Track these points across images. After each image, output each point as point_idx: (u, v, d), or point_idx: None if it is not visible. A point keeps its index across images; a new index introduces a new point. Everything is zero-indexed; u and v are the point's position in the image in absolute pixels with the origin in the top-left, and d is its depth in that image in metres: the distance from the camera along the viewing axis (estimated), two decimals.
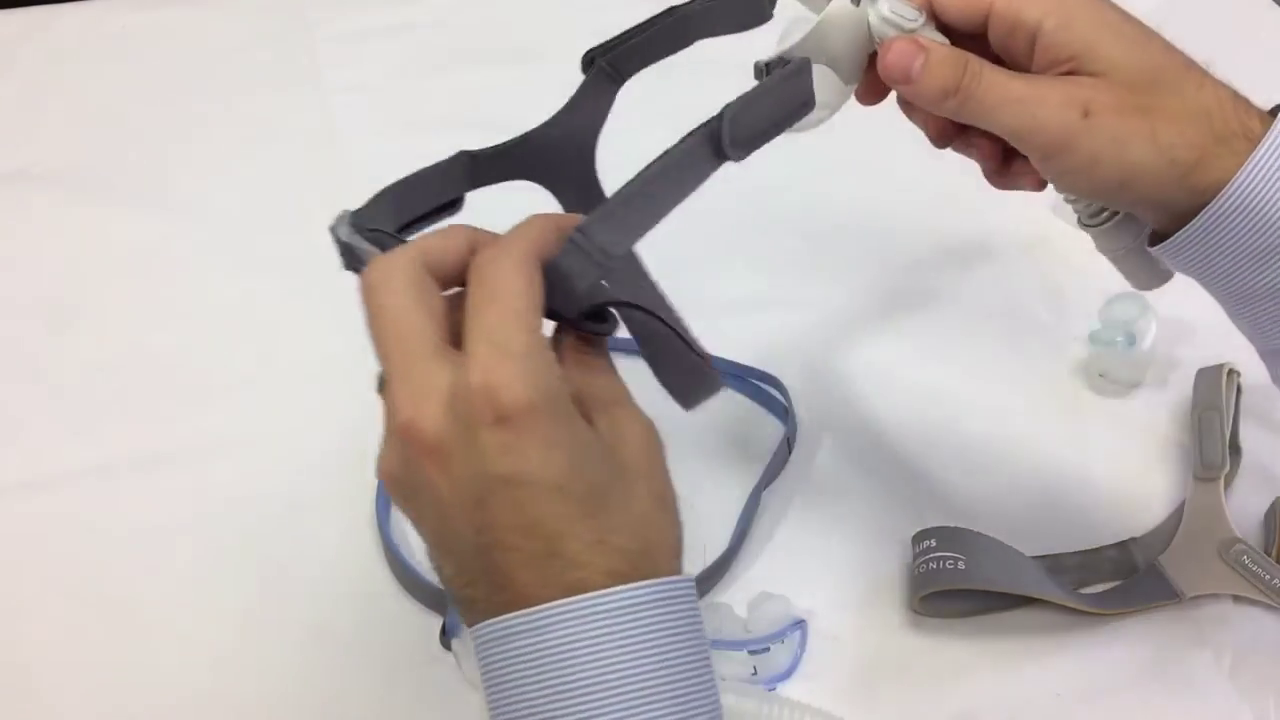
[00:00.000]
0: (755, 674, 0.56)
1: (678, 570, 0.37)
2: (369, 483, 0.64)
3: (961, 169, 0.95)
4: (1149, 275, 0.51)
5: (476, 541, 0.34)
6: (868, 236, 0.84)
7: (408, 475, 0.35)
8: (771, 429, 0.68)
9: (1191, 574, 0.58)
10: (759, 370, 0.70)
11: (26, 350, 0.75)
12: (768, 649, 0.56)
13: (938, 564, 0.57)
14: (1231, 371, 0.66)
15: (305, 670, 0.58)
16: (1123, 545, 0.62)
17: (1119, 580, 0.61)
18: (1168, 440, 0.67)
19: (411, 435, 0.34)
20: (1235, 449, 0.65)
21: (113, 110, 0.95)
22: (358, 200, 0.44)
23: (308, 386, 0.72)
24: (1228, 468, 0.62)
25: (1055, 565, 0.61)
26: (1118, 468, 0.66)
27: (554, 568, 0.34)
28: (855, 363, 0.73)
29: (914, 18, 0.44)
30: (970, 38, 0.44)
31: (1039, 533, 0.61)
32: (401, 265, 0.36)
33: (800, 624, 0.57)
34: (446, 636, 0.57)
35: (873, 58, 0.46)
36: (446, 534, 0.35)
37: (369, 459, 0.44)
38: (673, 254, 0.81)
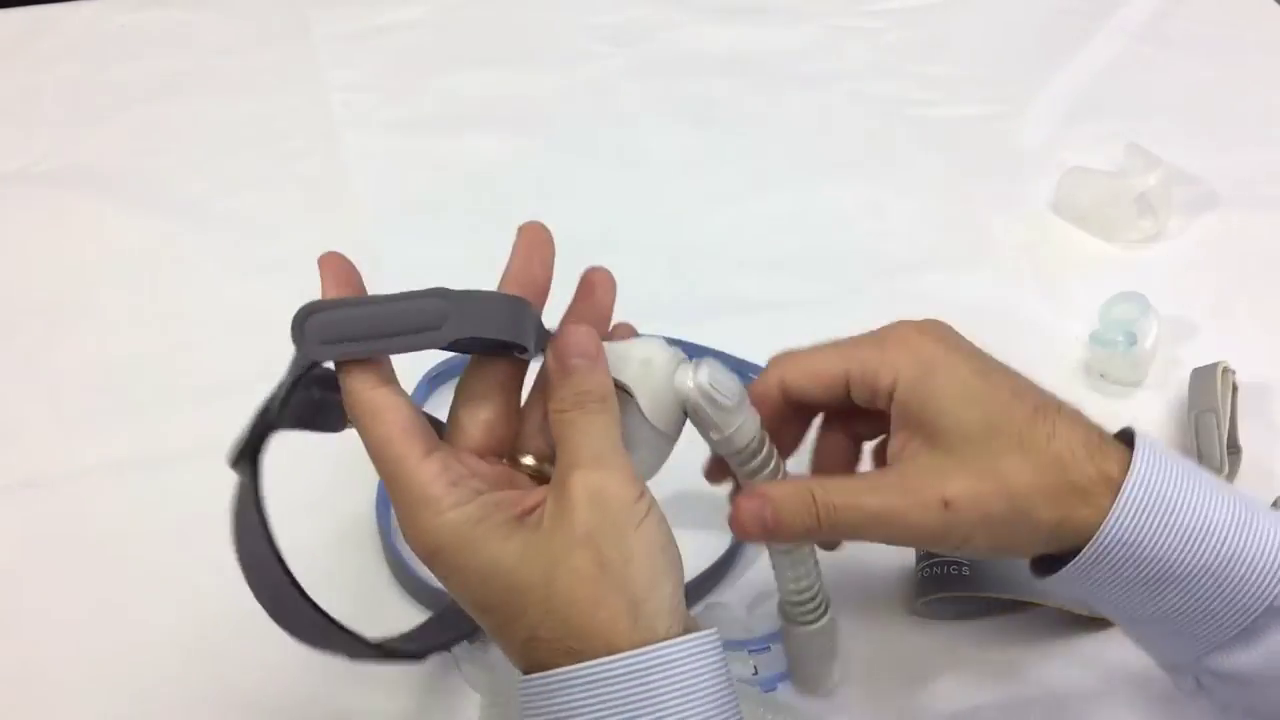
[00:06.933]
0: (756, 674, 0.56)
1: (630, 630, 0.37)
2: (369, 483, 0.64)
3: (961, 170, 0.96)
4: (822, 679, 0.54)
5: None
6: (867, 236, 0.84)
7: None
8: None
9: None
10: (759, 367, 0.70)
11: (26, 350, 0.75)
12: (768, 649, 0.56)
13: (942, 569, 0.57)
14: (1226, 370, 0.66)
15: (305, 670, 0.58)
16: None
17: None
18: (1169, 440, 0.67)
19: None
20: (1235, 448, 0.65)
21: (113, 110, 0.95)
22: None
23: None
24: (1226, 470, 0.62)
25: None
26: None
27: (515, 659, 0.39)
28: None
29: (732, 395, 0.43)
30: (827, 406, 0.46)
31: None
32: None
33: None
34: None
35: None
36: None
37: (369, 460, 0.45)
38: (673, 253, 0.82)
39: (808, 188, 0.88)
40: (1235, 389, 0.66)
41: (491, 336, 0.40)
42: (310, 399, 0.44)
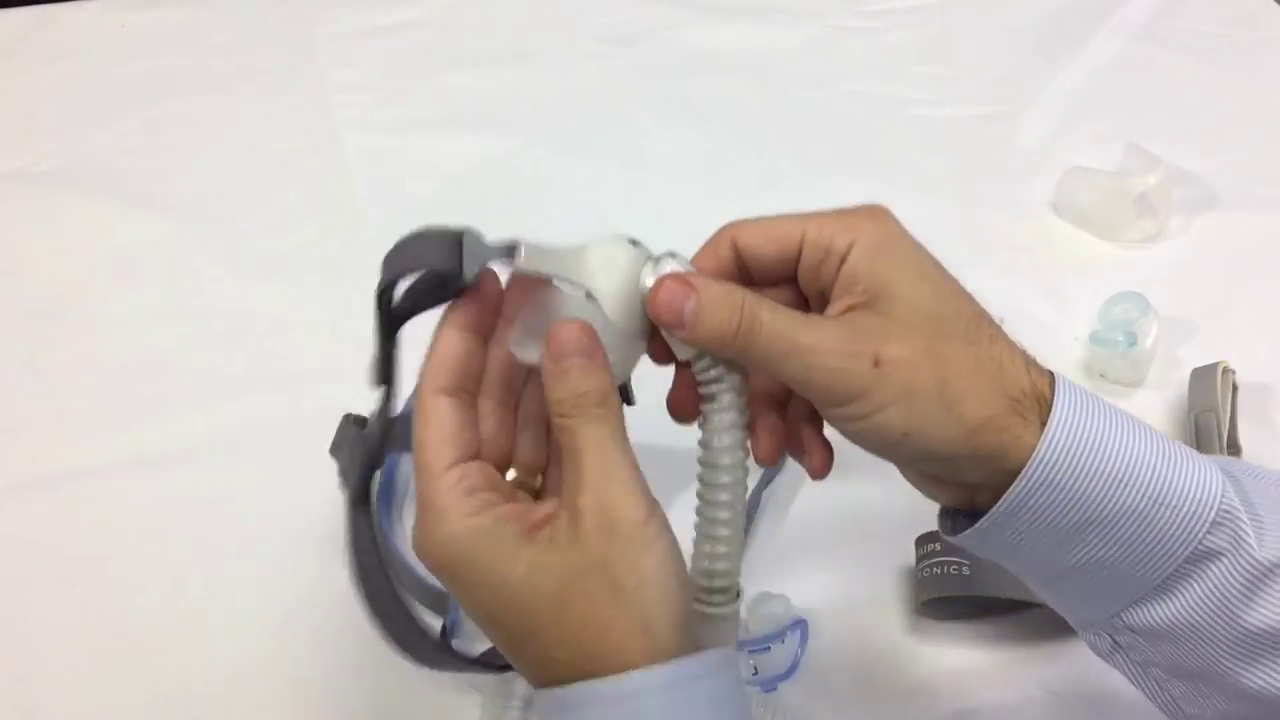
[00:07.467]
0: (756, 674, 0.56)
1: (645, 650, 0.37)
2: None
3: (961, 170, 0.95)
4: None
5: None
6: None
7: None
8: None
9: None
10: None
11: (26, 351, 0.75)
12: (768, 649, 0.56)
13: (942, 569, 0.57)
14: (1226, 370, 0.66)
15: (306, 670, 0.58)
16: None
17: None
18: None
19: None
20: (1235, 447, 0.65)
21: (113, 110, 0.95)
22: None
23: (307, 386, 0.72)
24: None
25: None
26: None
27: (528, 674, 0.39)
28: None
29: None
30: (775, 284, 0.44)
31: None
32: None
33: (800, 624, 0.57)
34: (447, 637, 0.57)
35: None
36: None
37: None
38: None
39: (808, 188, 0.88)
40: (1235, 389, 0.66)
41: (409, 270, 0.40)
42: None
